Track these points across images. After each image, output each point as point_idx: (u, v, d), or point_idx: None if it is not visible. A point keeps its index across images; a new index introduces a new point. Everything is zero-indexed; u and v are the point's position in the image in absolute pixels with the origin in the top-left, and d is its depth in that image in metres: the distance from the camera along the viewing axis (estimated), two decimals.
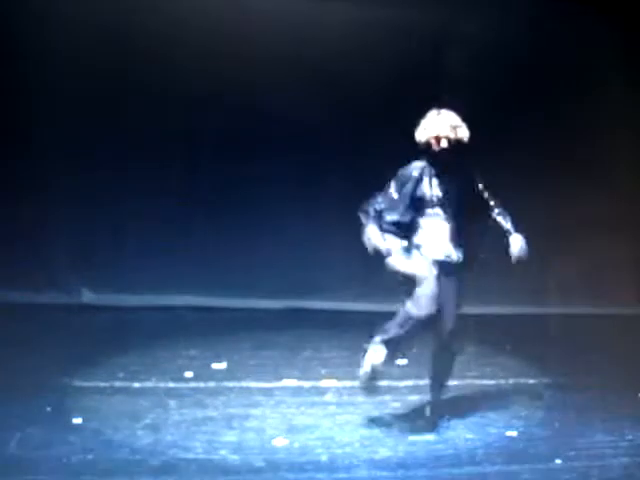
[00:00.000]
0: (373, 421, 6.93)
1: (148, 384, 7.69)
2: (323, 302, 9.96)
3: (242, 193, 9.92)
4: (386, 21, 9.71)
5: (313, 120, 9.65)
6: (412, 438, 6.61)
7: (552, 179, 9.78)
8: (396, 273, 6.70)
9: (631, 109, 9.80)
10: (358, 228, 9.74)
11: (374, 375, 6.64)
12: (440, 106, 6.76)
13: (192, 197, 9.95)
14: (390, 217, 6.72)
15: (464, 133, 6.73)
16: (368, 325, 9.21)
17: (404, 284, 6.67)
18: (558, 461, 6.23)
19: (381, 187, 7.21)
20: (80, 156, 9.76)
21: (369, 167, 9.76)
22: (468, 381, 7.79)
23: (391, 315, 7.41)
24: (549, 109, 9.84)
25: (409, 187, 6.74)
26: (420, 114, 6.77)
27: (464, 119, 6.55)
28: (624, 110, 9.82)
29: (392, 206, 6.73)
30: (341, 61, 9.69)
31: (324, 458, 6.26)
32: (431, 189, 6.73)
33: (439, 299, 6.66)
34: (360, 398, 7.35)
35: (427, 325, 6.68)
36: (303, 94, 9.65)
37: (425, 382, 7.71)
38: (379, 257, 6.83)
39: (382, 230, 6.72)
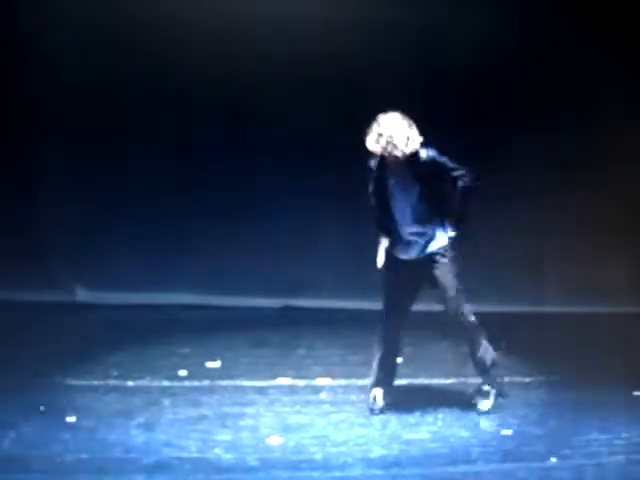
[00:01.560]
0: (368, 419, 6.92)
1: (142, 383, 7.68)
2: (317, 300, 9.95)
3: (237, 192, 9.90)
4: (383, 20, 9.70)
5: (310, 120, 9.63)
6: (407, 436, 6.60)
7: (551, 178, 9.77)
8: None
9: (631, 108, 9.78)
10: (352, 227, 9.79)
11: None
12: (395, 109, 6.79)
13: (187, 196, 9.93)
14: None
15: (409, 145, 6.73)
16: (362, 323, 9.23)
17: None
18: (553, 459, 6.22)
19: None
20: (75, 154, 9.75)
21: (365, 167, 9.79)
22: (463, 379, 7.78)
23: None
24: (548, 108, 9.82)
25: (372, 183, 6.93)
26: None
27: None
28: (625, 109, 9.80)
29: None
30: (339, 61, 9.67)
31: (319, 457, 6.25)
32: (388, 188, 6.85)
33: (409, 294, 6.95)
34: (354, 396, 7.35)
35: (394, 323, 7.03)
36: (301, 94, 9.63)
37: (421, 380, 7.75)
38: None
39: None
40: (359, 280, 9.68)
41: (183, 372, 7.94)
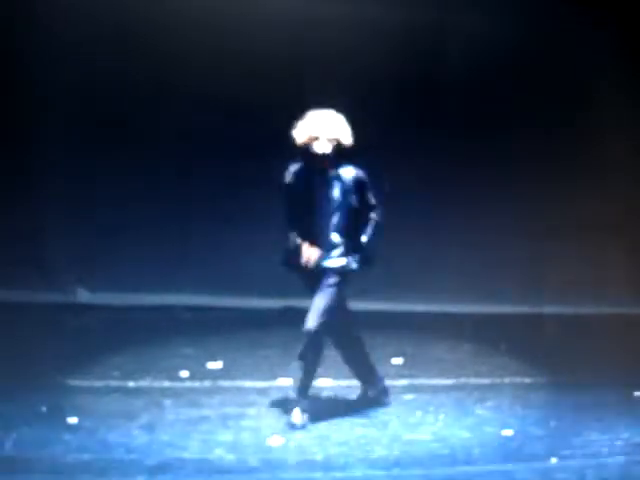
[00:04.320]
0: (369, 420, 6.93)
1: (143, 383, 7.69)
2: None
3: (238, 193, 9.91)
4: (383, 19, 9.71)
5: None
6: (408, 437, 6.61)
7: (552, 179, 9.80)
8: None
9: (631, 109, 9.80)
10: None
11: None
12: (335, 105, 6.73)
13: (188, 197, 9.95)
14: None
15: (343, 135, 6.67)
16: (363, 323, 9.24)
17: None
18: (554, 460, 6.23)
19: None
20: (76, 155, 9.76)
21: (369, 165, 9.79)
22: (464, 380, 7.80)
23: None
24: (549, 110, 9.85)
25: (289, 191, 6.87)
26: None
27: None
28: (625, 109, 9.82)
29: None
30: (340, 58, 9.68)
31: (320, 457, 6.26)
32: (307, 191, 6.76)
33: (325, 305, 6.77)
34: (355, 397, 7.37)
35: (316, 338, 6.78)
36: (303, 92, 9.63)
37: (421, 381, 7.76)
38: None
39: None
40: (360, 280, 9.70)
41: (185, 373, 7.95)
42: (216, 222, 9.86)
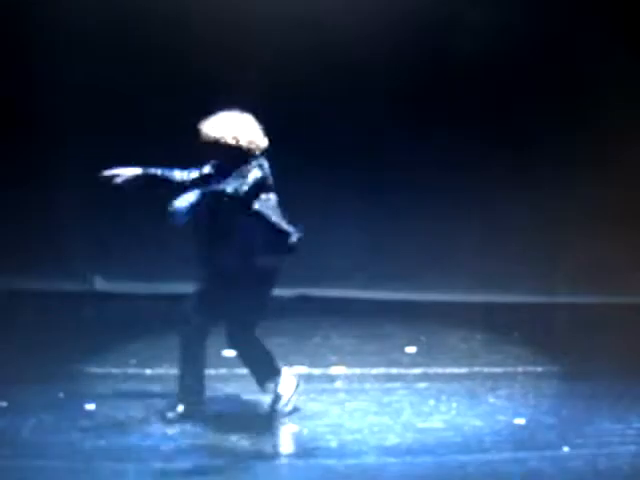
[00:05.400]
0: (382, 408, 6.98)
1: (160, 371, 7.75)
2: (333, 289, 9.99)
3: None
4: (388, 8, 9.71)
5: (328, 112, 9.65)
6: (421, 425, 6.66)
7: (564, 168, 9.81)
8: None
9: (636, 99, 9.80)
10: (368, 217, 9.83)
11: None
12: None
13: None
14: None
15: (242, 140, 6.71)
16: (378, 313, 9.29)
17: None
18: (566, 449, 6.27)
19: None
20: (94, 145, 9.79)
21: (380, 156, 9.82)
22: (476, 368, 7.84)
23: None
24: (562, 100, 9.85)
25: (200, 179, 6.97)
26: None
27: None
28: (631, 99, 9.81)
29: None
30: (343, 48, 9.67)
31: (333, 444, 6.32)
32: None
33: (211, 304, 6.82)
34: (369, 385, 7.42)
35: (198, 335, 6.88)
36: (308, 86, 9.64)
37: (434, 370, 7.80)
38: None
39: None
40: (374, 270, 9.76)
41: None
42: None
